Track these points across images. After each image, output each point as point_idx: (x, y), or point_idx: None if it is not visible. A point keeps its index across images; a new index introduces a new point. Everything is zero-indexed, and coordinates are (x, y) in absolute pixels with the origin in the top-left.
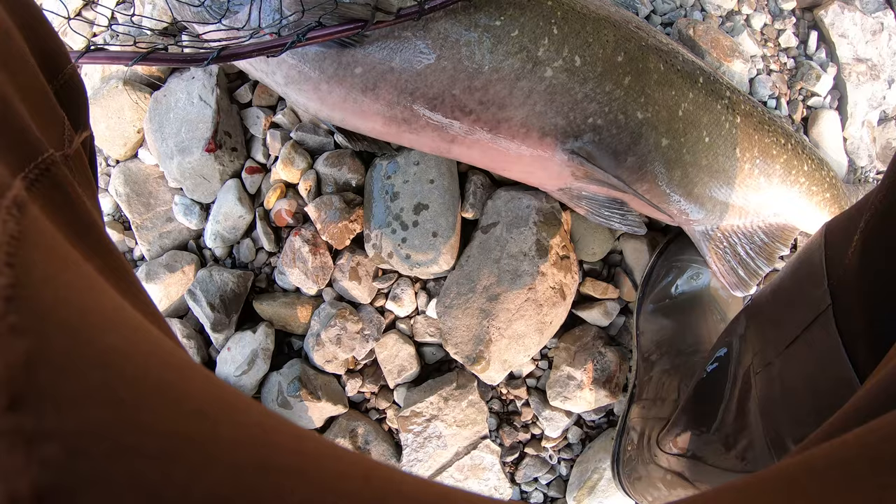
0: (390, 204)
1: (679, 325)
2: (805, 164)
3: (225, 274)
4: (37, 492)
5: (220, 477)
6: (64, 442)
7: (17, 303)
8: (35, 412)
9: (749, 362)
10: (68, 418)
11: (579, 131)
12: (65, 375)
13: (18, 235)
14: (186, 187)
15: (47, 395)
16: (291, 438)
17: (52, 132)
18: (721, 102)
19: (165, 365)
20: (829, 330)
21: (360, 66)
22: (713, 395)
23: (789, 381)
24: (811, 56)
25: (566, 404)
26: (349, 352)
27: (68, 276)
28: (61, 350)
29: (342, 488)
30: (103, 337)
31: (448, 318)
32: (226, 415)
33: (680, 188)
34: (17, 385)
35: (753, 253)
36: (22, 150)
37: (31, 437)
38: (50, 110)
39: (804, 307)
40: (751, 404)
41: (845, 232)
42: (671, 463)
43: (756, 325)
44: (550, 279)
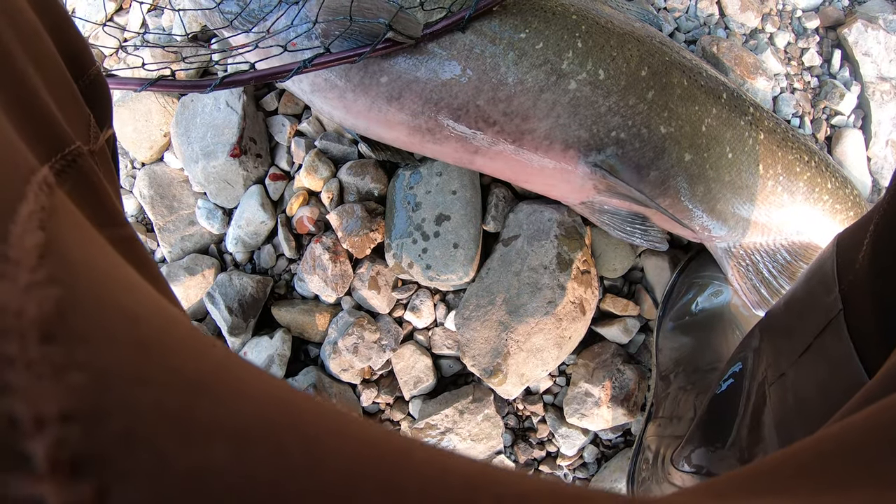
0: (412, 214)
1: (698, 342)
2: (829, 181)
3: (244, 279)
4: (63, 413)
5: (246, 408)
6: (91, 373)
7: (49, 258)
8: (65, 346)
9: (763, 375)
10: (96, 354)
11: (602, 144)
12: (94, 320)
13: (49, 208)
14: (210, 191)
15: (77, 335)
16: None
17: (78, 128)
18: (744, 119)
19: (190, 328)
20: (841, 335)
21: (385, 76)
22: (727, 410)
23: (802, 390)
24: (835, 75)
25: (583, 422)
26: (365, 361)
27: (94, 249)
28: (90, 299)
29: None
30: (129, 296)
31: (466, 330)
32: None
33: (703, 204)
34: (49, 323)
35: (776, 271)
36: (50, 140)
37: (61, 367)
38: (77, 107)
39: (816, 315)
40: (765, 417)
41: (856, 239)
42: (685, 481)
43: (769, 337)
44: (571, 294)
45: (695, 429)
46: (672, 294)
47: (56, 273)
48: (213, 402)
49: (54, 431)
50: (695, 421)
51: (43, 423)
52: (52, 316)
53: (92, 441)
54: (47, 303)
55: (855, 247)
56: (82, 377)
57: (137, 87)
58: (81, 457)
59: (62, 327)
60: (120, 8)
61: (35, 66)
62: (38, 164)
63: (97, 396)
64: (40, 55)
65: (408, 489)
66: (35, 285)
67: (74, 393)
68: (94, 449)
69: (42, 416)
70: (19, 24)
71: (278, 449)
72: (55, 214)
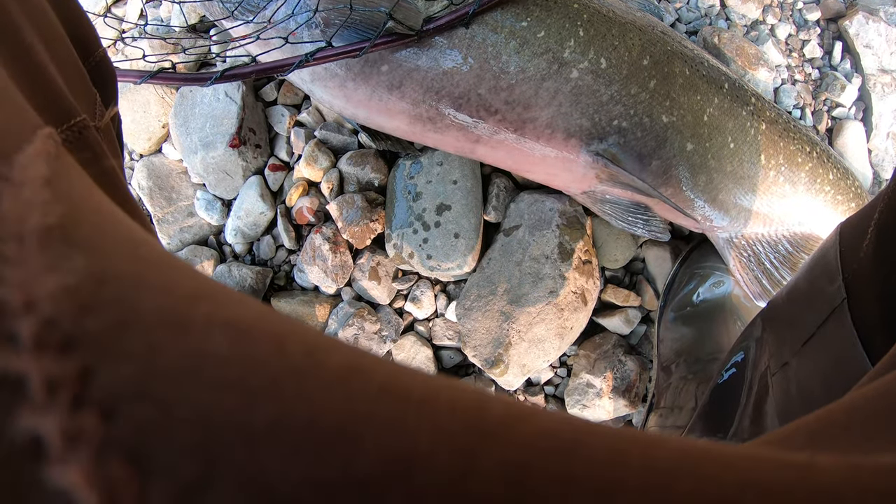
0: (412, 204)
1: (699, 333)
2: (830, 172)
3: (244, 270)
4: (53, 296)
5: (246, 313)
6: (88, 272)
7: (51, 187)
8: (63, 250)
9: (765, 365)
10: (94, 259)
11: (604, 133)
12: (94, 234)
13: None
14: (209, 182)
15: (76, 243)
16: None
17: (85, 103)
18: (746, 108)
19: (189, 266)
20: (845, 324)
21: (386, 65)
22: (729, 400)
23: (805, 380)
24: (836, 67)
25: (585, 412)
26: None
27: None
28: (91, 221)
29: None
30: (130, 229)
31: (468, 321)
32: (246, 297)
33: (704, 194)
34: (50, 232)
35: (777, 262)
36: (57, 111)
37: (57, 264)
38: (83, 84)
39: (819, 305)
40: (767, 407)
41: (859, 228)
42: None
43: (772, 327)
44: (572, 284)
45: (696, 419)
46: (673, 285)
47: (58, 196)
48: (213, 304)
49: (43, 312)
50: (696, 411)
51: (32, 305)
52: (53, 227)
53: (81, 325)
54: (50, 216)
55: (858, 236)
56: (78, 274)
57: (137, 79)
58: (69, 338)
59: (62, 236)
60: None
61: (43, 42)
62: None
63: (91, 290)
64: (47, 31)
65: (411, 395)
66: (38, 202)
67: (68, 286)
68: (83, 333)
69: (32, 300)
70: (28, 2)
71: (279, 347)
72: (60, 159)
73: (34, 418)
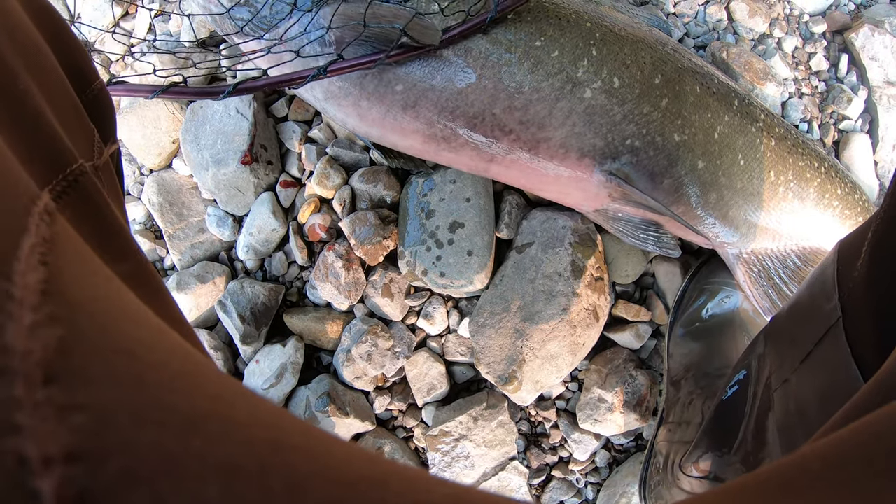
0: (426, 221)
1: (708, 348)
2: (838, 187)
3: (256, 287)
4: (67, 452)
5: (235, 449)
6: (92, 413)
7: (51, 296)
8: (67, 388)
9: (768, 381)
10: (96, 394)
11: (617, 153)
12: (94, 359)
13: (50, 239)
14: (220, 199)
15: (78, 375)
16: (301, 425)
17: (82, 143)
18: (756, 125)
19: (186, 357)
20: (839, 343)
21: (401, 84)
22: (734, 416)
23: (803, 396)
24: (842, 79)
25: (596, 427)
26: (379, 368)
27: (96, 279)
28: (91, 338)
29: (353, 473)
30: (129, 330)
31: (481, 338)
32: (241, 399)
33: (715, 211)
34: (52, 365)
35: (787, 277)
36: (52, 159)
37: (63, 408)
38: (80, 122)
39: (816, 323)
40: (769, 423)
41: (855, 246)
42: (693, 486)
43: (773, 343)
44: (585, 300)
45: (702, 434)
46: (683, 300)
47: (58, 311)
48: (205, 441)
49: (60, 471)
50: (702, 427)
51: (50, 462)
52: (54, 356)
53: (95, 479)
54: (50, 343)
55: (854, 254)
56: (83, 418)
57: (149, 93)
58: (85, 493)
59: (64, 367)
60: (126, 13)
61: (37, 83)
62: (38, 191)
63: (98, 437)
64: (42, 71)
65: None
66: (38, 325)
67: (77, 433)
68: (97, 486)
69: (49, 457)
70: (19, 39)
71: (264, 489)
72: (57, 245)
73: None
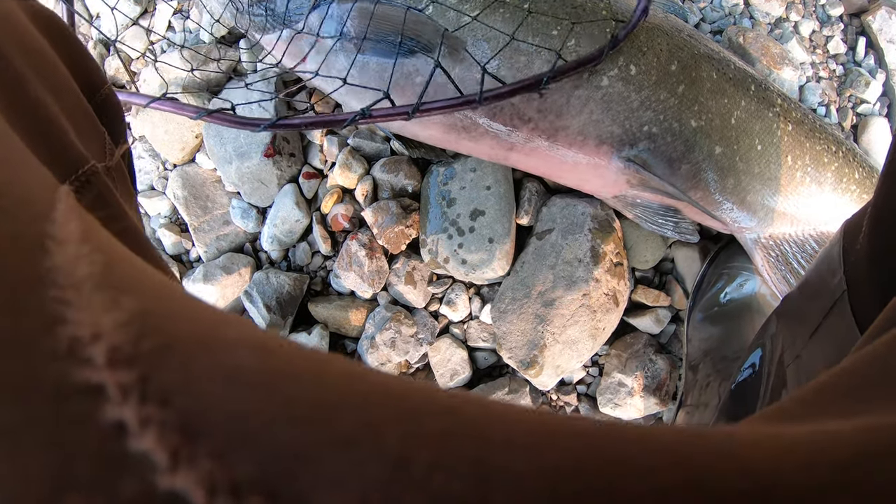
0: (447, 210)
1: (726, 332)
2: (856, 171)
3: (281, 276)
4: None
5: (267, 333)
6: (133, 308)
7: (88, 239)
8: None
9: (781, 358)
10: (136, 298)
11: (635, 139)
12: (132, 275)
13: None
14: (244, 191)
15: (121, 284)
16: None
17: (94, 146)
18: (772, 110)
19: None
20: (845, 315)
21: (420, 76)
22: (749, 396)
23: (814, 369)
24: (860, 62)
25: (616, 411)
26: (403, 355)
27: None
28: (127, 261)
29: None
30: (155, 273)
31: (503, 323)
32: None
33: (733, 196)
34: (99, 276)
35: (805, 262)
36: (66, 162)
37: (112, 302)
38: (91, 126)
39: (824, 298)
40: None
41: (858, 223)
42: None
43: (785, 322)
44: (604, 286)
45: (719, 414)
46: (702, 285)
47: (96, 247)
48: (236, 326)
49: (109, 341)
50: (718, 407)
51: (99, 336)
52: (98, 274)
53: (137, 348)
54: (95, 265)
55: (857, 230)
56: (128, 312)
57: (194, 113)
58: (129, 357)
59: (107, 282)
60: (145, 11)
61: (49, 90)
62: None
63: (140, 323)
64: (52, 77)
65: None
66: (83, 255)
67: (123, 321)
68: (139, 353)
69: (99, 333)
70: (28, 48)
71: (316, 374)
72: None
73: (117, 410)
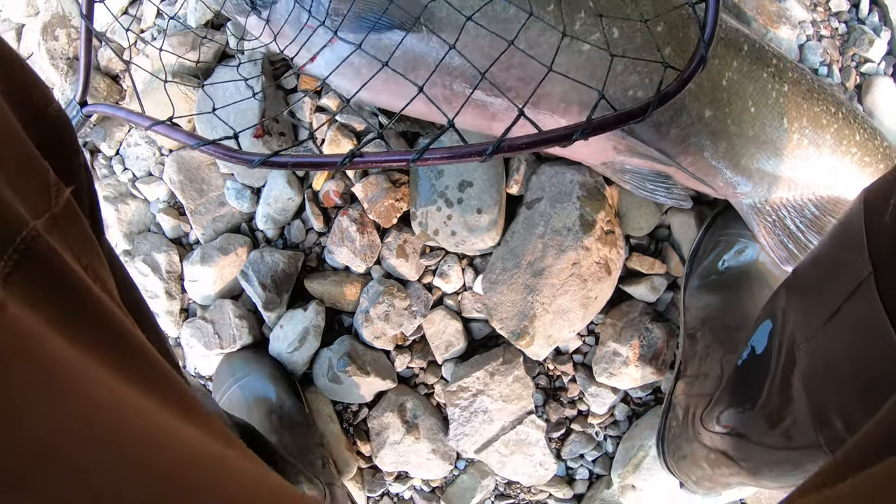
0: (435, 182)
1: (725, 300)
2: (857, 133)
3: (276, 254)
4: None
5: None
6: None
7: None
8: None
9: (792, 336)
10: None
11: (620, 104)
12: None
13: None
14: (237, 172)
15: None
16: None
17: (34, 195)
18: (767, 70)
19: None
20: (872, 298)
21: (399, 49)
22: (756, 371)
23: (832, 353)
24: (863, 20)
25: (612, 381)
26: (397, 328)
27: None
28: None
29: None
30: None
31: (493, 294)
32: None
33: (726, 160)
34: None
35: (804, 226)
36: (1, 230)
37: None
38: (30, 170)
39: (845, 277)
40: (794, 380)
41: (881, 196)
42: (715, 441)
43: (797, 297)
44: (595, 254)
45: (723, 391)
46: (698, 252)
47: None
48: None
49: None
50: (724, 382)
51: None
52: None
53: None
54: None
55: (881, 204)
56: None
57: (193, 143)
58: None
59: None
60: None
61: None
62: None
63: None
64: None
65: None
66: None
67: None
68: None
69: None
70: None
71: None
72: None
73: None
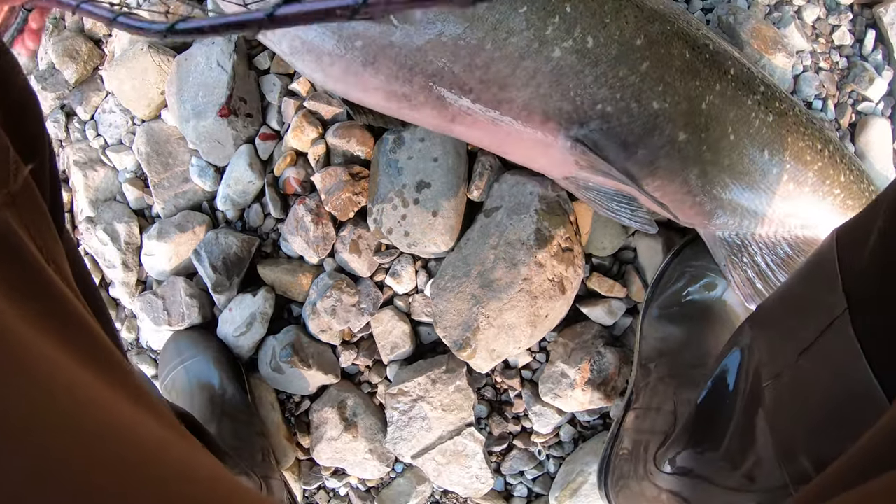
0: (394, 179)
1: (685, 334)
2: (842, 174)
3: (230, 237)
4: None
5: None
6: None
7: None
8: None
9: (757, 374)
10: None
11: (586, 118)
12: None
13: None
14: (202, 150)
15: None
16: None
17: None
18: (753, 98)
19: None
20: (846, 336)
21: (360, 40)
22: (718, 410)
23: (803, 391)
24: (866, 57)
25: (557, 402)
26: (343, 324)
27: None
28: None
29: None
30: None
31: (440, 301)
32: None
33: (697, 188)
34: None
35: (775, 265)
36: None
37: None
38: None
39: (817, 314)
40: (758, 419)
41: (858, 235)
42: (669, 483)
43: (763, 334)
44: (549, 271)
45: (681, 432)
46: (662, 279)
47: None
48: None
49: None
50: (682, 423)
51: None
52: None
53: None
54: None
55: (858, 243)
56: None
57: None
58: None
59: None
60: None
61: None
62: None
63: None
64: None
65: None
66: None
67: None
68: None
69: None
70: None
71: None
72: None
73: None
